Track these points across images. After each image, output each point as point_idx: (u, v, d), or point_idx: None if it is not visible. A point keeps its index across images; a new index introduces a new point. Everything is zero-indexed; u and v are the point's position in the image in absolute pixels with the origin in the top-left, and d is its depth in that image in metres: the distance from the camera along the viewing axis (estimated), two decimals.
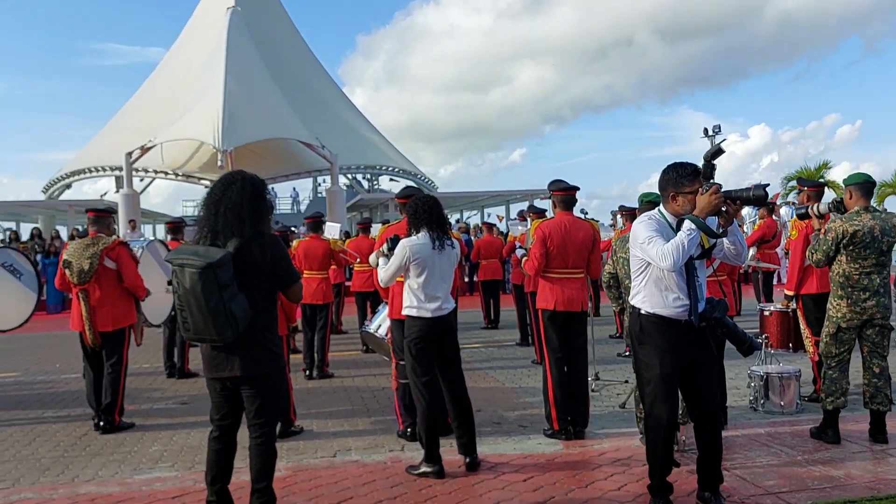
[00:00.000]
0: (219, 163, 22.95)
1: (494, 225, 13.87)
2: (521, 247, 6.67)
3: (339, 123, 31.54)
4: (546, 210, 9.25)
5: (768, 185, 3.68)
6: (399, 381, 5.47)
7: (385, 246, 4.87)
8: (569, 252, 5.44)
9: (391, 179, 36.40)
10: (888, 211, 5.91)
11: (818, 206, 5.46)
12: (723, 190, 3.55)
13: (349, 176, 34.16)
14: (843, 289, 5.01)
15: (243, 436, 3.67)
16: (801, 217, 5.90)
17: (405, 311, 4.70)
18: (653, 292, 3.78)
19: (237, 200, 3.55)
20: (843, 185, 5.20)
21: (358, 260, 9.85)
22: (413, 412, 5.44)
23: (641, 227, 3.73)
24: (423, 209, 4.67)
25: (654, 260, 3.61)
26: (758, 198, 3.54)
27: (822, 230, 5.12)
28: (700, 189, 3.60)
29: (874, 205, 5.21)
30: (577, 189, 5.62)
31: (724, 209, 3.55)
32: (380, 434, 5.65)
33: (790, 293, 6.24)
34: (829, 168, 31.09)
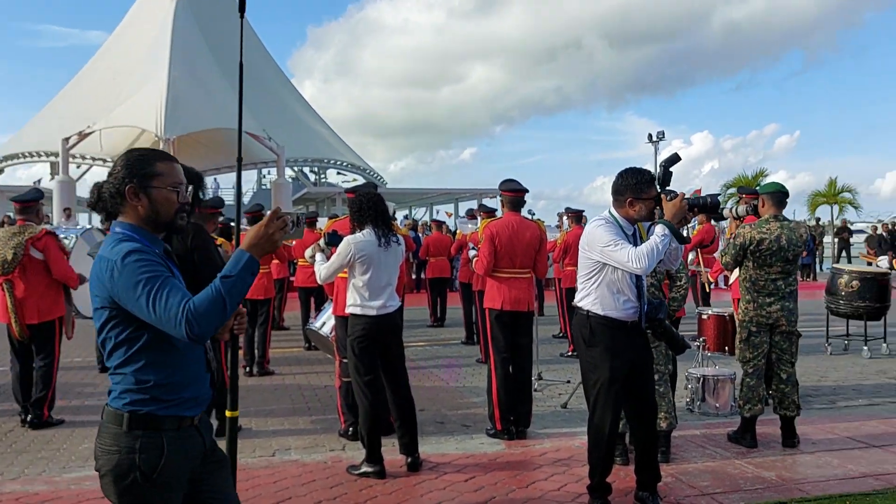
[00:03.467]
0: None
1: (443, 223, 13.86)
2: (473, 247, 6.68)
3: (287, 115, 31.15)
4: (496, 209, 9.30)
5: (719, 194, 3.79)
6: (342, 380, 5.41)
7: (322, 241, 4.79)
8: (516, 252, 5.47)
9: (338, 173, 36.10)
10: (798, 221, 6.10)
11: (737, 209, 5.59)
12: (676, 191, 3.66)
13: (295, 168, 33.73)
14: (750, 293, 5.15)
15: None
16: (718, 220, 6.13)
17: (349, 309, 4.65)
18: (605, 295, 3.83)
19: None
20: (758, 193, 5.36)
21: (293, 243, 9.71)
22: (355, 411, 5.37)
23: (602, 231, 3.76)
24: (368, 205, 4.60)
25: (625, 263, 3.64)
26: (713, 206, 3.70)
27: (730, 234, 5.27)
28: (665, 196, 3.68)
29: (802, 212, 5.37)
30: (527, 191, 5.66)
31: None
32: (320, 433, 5.57)
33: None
34: (766, 176, 32.20)
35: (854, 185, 32.42)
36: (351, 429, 5.34)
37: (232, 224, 10.32)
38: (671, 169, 3.75)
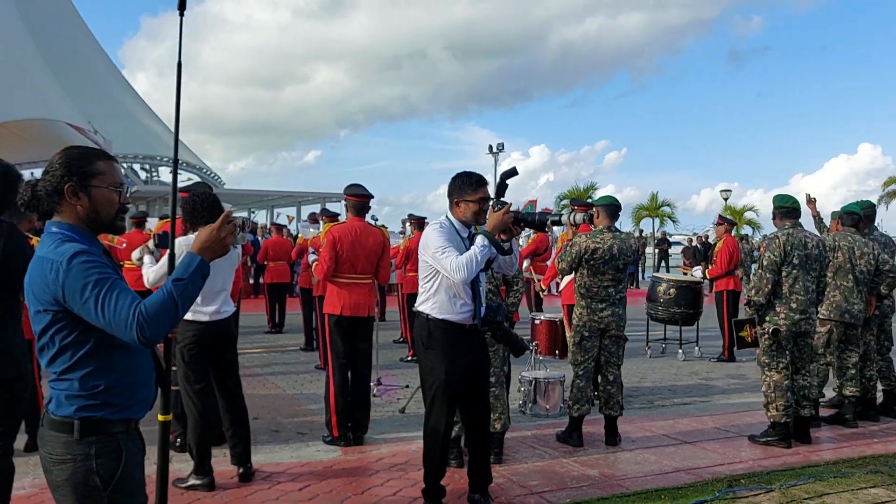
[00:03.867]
0: None
1: (284, 226, 13.53)
2: (313, 252, 6.57)
3: (117, 108, 29.27)
4: (339, 214, 9.20)
5: (559, 214, 3.97)
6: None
7: (151, 242, 4.53)
8: (358, 257, 5.43)
9: (171, 172, 34.37)
10: (628, 232, 6.58)
11: (574, 216, 5.91)
12: (512, 210, 3.76)
13: (125, 165, 31.69)
14: (584, 299, 5.46)
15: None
16: (555, 224, 6.48)
17: None
18: (442, 299, 3.89)
19: None
20: (591, 205, 5.73)
21: (124, 245, 9.11)
22: (183, 421, 5.10)
23: (434, 235, 3.83)
24: (202, 206, 4.38)
25: (448, 271, 3.72)
26: (541, 223, 3.85)
27: (567, 242, 5.59)
28: (493, 207, 3.79)
29: (627, 224, 5.77)
30: (372, 197, 5.65)
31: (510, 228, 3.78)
32: (146, 444, 5.22)
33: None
34: (596, 189, 34.28)
35: (673, 200, 35.34)
36: (178, 440, 5.06)
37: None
38: (507, 182, 3.88)
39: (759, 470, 4.80)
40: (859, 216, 6.31)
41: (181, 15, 2.60)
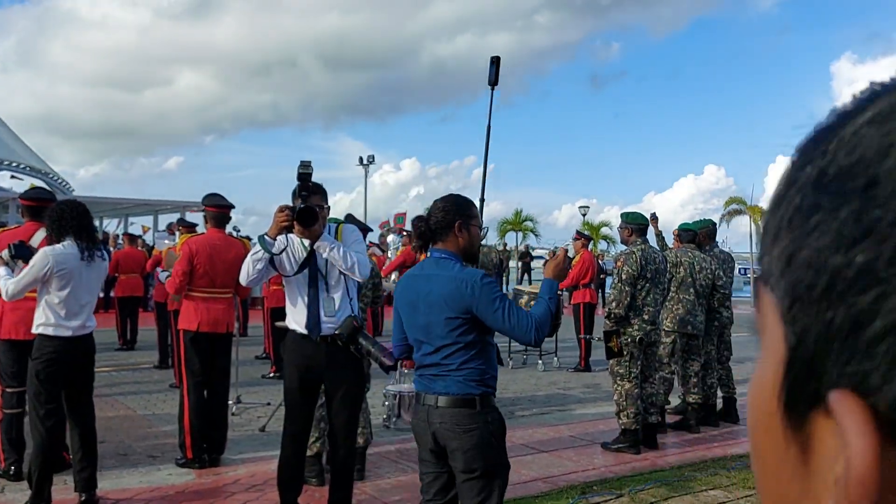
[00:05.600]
0: None
1: (138, 236, 12.89)
2: (163, 270, 6.28)
3: None
4: (197, 224, 8.84)
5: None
6: (4, 412, 4.71)
7: (6, 252, 4.20)
8: (217, 271, 5.24)
9: (13, 177, 31.70)
10: (489, 245, 6.77)
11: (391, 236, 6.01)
12: (283, 204, 3.68)
13: None
14: None
15: None
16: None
17: (38, 330, 4.09)
18: (292, 308, 3.85)
19: None
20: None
21: None
22: (18, 447, 4.73)
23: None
24: (71, 215, 4.17)
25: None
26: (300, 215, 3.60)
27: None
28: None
29: (493, 237, 5.92)
30: (233, 207, 5.47)
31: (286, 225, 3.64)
32: None
33: None
34: None
35: (536, 215, 36.68)
36: (13, 467, 4.67)
37: None
38: (302, 182, 3.68)
39: (611, 476, 5.04)
40: (694, 233, 6.84)
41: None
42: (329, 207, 3.98)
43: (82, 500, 4.18)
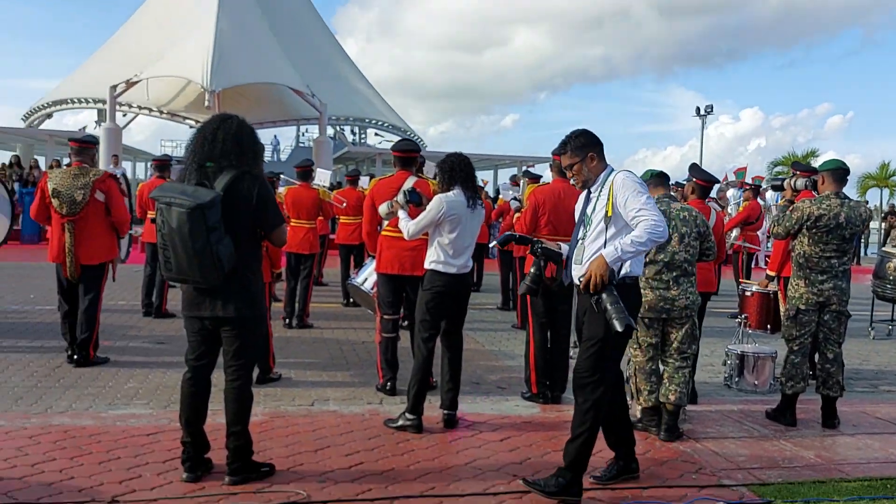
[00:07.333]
0: (206, 103, 22.56)
1: (482, 188, 13.79)
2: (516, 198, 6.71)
3: (331, 73, 30.95)
4: (542, 176, 9.22)
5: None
6: (382, 336, 5.46)
7: (401, 196, 4.83)
8: (561, 219, 5.41)
9: (376, 134, 35.86)
10: (858, 200, 5.92)
11: (796, 181, 5.46)
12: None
13: (337, 127, 33.67)
14: (803, 269, 5.04)
15: (220, 378, 3.65)
16: (776, 189, 6.05)
17: (430, 266, 4.69)
18: None
19: (235, 135, 3.54)
20: (818, 171, 5.23)
21: (344, 204, 9.79)
22: (394, 367, 5.46)
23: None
24: (460, 167, 4.76)
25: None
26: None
27: (790, 207, 5.13)
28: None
29: (852, 194, 5.23)
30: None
31: None
32: (358, 386, 5.65)
33: (772, 273, 6.30)
34: (816, 156, 31.33)
35: None
36: (389, 384, 5.41)
37: (278, 177, 10.44)
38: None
39: None
40: None
41: None
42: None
43: (445, 417, 4.71)
